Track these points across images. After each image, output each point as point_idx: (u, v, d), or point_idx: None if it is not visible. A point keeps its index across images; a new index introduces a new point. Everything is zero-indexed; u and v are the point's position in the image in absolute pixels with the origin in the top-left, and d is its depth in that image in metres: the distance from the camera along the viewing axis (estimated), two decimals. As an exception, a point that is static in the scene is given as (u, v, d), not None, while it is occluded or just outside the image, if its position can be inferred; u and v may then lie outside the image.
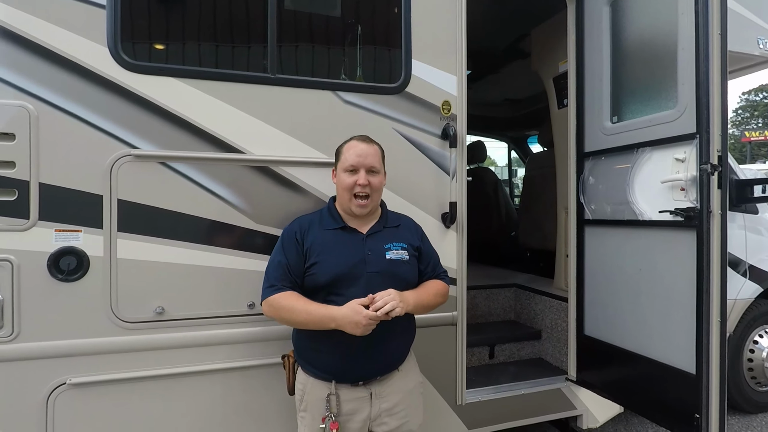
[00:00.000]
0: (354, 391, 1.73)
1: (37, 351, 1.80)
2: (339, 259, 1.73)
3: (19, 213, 1.76)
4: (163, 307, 1.91)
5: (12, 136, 1.75)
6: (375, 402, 1.74)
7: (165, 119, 1.91)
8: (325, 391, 1.71)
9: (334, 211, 1.86)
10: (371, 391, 1.74)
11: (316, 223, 1.83)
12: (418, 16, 2.25)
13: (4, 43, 1.74)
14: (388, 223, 1.87)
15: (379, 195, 1.84)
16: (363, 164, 1.76)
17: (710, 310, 2.01)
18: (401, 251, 1.79)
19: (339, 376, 1.72)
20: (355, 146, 1.80)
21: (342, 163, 1.80)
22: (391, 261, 1.76)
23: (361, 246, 1.77)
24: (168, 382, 1.95)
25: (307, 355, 1.78)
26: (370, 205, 1.78)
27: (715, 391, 2.01)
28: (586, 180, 2.66)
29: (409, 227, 1.94)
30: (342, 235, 1.80)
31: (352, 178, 1.75)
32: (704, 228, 2.01)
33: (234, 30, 2.11)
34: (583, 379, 2.73)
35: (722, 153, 2.03)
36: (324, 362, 1.73)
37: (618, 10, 2.50)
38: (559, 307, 3.24)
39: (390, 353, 1.78)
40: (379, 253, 1.76)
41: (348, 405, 1.72)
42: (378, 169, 1.80)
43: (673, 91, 2.19)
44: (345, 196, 1.78)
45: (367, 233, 1.81)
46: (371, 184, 1.76)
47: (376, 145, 1.84)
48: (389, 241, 1.80)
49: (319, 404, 1.72)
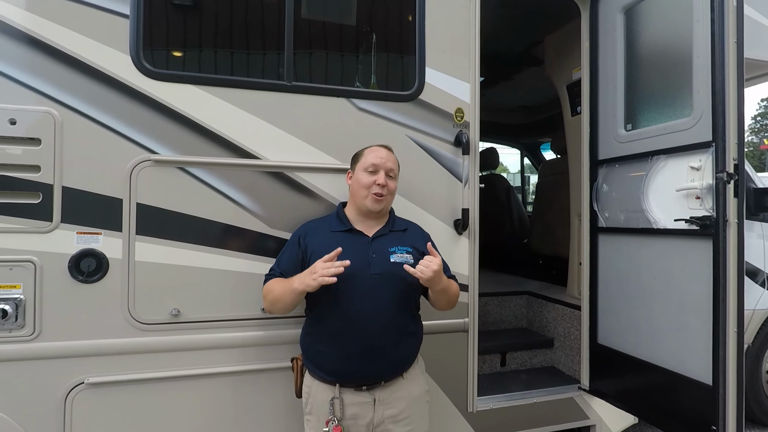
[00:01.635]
0: (357, 395, 1.73)
1: (56, 350, 1.84)
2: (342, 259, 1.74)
3: (43, 215, 1.81)
4: (179, 309, 1.95)
5: (38, 141, 1.80)
6: (378, 408, 1.74)
7: (184, 125, 1.95)
8: (329, 395, 1.73)
9: (342, 214, 1.90)
10: (375, 397, 1.74)
11: (325, 227, 1.88)
12: (432, 24, 2.27)
13: (31, 50, 1.80)
14: (394, 227, 1.90)
15: (392, 199, 1.89)
16: (383, 166, 1.82)
17: (727, 320, 1.98)
18: (406, 255, 1.80)
19: (342, 380, 1.73)
20: (377, 150, 1.87)
21: (362, 163, 1.85)
22: (395, 263, 1.77)
23: (366, 248, 1.80)
24: (182, 383, 1.97)
25: (312, 358, 1.81)
26: (384, 202, 1.83)
27: (732, 402, 1.98)
28: (599, 187, 2.65)
29: (417, 232, 1.96)
30: (348, 237, 1.83)
31: (372, 177, 1.81)
32: (720, 237, 1.98)
33: (251, 38, 2.16)
34: (597, 389, 2.70)
35: (739, 161, 2.01)
36: (328, 365, 1.75)
37: (632, 18, 2.49)
38: (572, 315, 3.21)
39: (394, 359, 1.78)
40: (383, 256, 1.78)
41: (351, 409, 1.72)
42: (395, 175, 1.88)
43: (689, 99, 2.17)
44: (362, 193, 1.81)
45: (372, 236, 1.84)
46: (388, 186, 1.82)
47: (394, 155, 1.92)
48: (394, 245, 1.82)
49: (323, 407, 1.73)
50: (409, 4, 2.26)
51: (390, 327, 1.71)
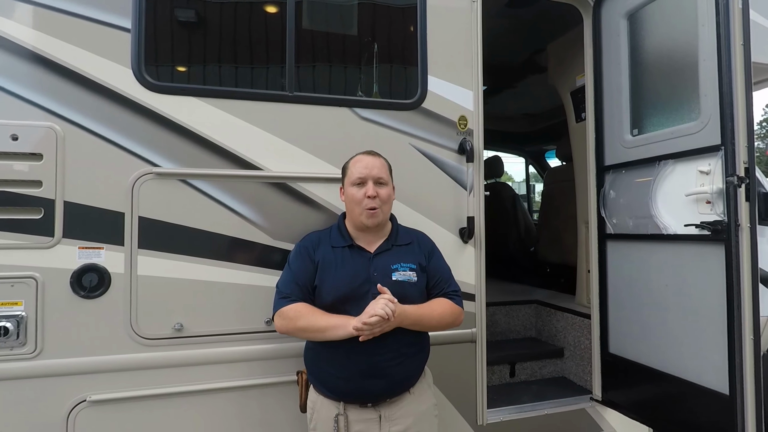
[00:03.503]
0: (363, 412, 1.69)
1: (58, 368, 1.82)
2: (344, 278, 1.71)
3: (45, 231, 1.80)
4: (182, 323, 1.92)
5: (40, 156, 1.80)
6: (384, 424, 1.69)
7: (186, 138, 1.95)
8: (333, 411, 1.69)
9: (343, 228, 1.84)
10: (380, 413, 1.70)
11: (326, 240, 1.82)
12: (434, 33, 2.26)
13: (33, 66, 1.81)
14: (398, 241, 1.83)
15: (388, 207, 1.81)
16: (370, 176, 1.75)
17: (742, 327, 1.94)
18: (409, 272, 1.74)
19: (347, 397, 1.68)
20: (361, 159, 1.80)
21: (349, 177, 1.79)
22: (396, 282, 1.71)
23: (367, 265, 1.74)
24: (186, 399, 1.94)
25: (316, 374, 1.76)
26: (380, 215, 1.75)
27: (750, 412, 1.92)
28: (606, 194, 2.62)
29: (421, 244, 1.88)
30: (349, 254, 1.77)
31: (360, 191, 1.74)
32: (733, 242, 1.95)
33: (252, 49, 2.16)
34: (609, 399, 2.64)
35: (749, 164, 1.98)
36: (332, 382, 1.70)
37: (636, 23, 2.48)
38: (581, 324, 3.15)
39: (400, 374, 1.72)
40: (385, 274, 1.73)
41: (356, 426, 1.68)
42: (386, 181, 1.78)
43: (696, 103, 2.14)
44: (355, 210, 1.75)
45: (374, 252, 1.78)
46: (380, 195, 1.74)
47: (382, 158, 1.83)
48: (397, 261, 1.76)
49: (327, 423, 1.69)
50: (410, 12, 2.26)
51: (393, 347, 1.65)
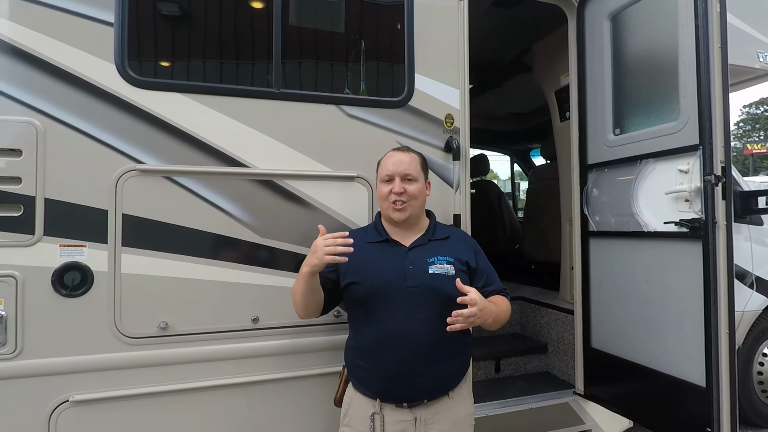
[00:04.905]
0: (399, 413, 1.67)
1: (40, 368, 1.78)
2: (378, 272, 1.70)
3: (24, 228, 1.76)
4: (167, 322, 1.90)
5: (19, 152, 1.76)
6: (420, 428, 1.66)
7: (170, 134, 1.92)
8: (369, 409, 1.68)
9: (379, 224, 1.86)
10: (416, 416, 1.67)
11: (362, 237, 1.81)
12: (421, 31, 2.27)
13: (12, 59, 1.76)
14: (434, 236, 1.83)
15: (418, 202, 1.80)
16: (397, 172, 1.77)
17: (718, 321, 1.99)
18: (446, 265, 1.72)
19: (383, 395, 1.67)
20: (391, 156, 1.83)
21: (379, 173, 1.84)
22: (433, 275, 1.70)
23: (402, 259, 1.73)
24: (172, 398, 1.92)
25: (353, 370, 1.76)
26: (408, 210, 1.76)
27: (726, 403, 1.98)
28: (589, 192, 2.66)
29: (461, 241, 1.88)
30: (384, 249, 1.78)
31: (387, 187, 1.77)
32: (710, 239, 2.00)
33: (239, 45, 2.14)
34: (592, 393, 2.69)
35: (726, 164, 2.03)
36: (369, 380, 1.70)
37: (618, 24, 2.52)
38: (565, 319, 3.21)
39: (438, 376, 1.69)
40: (420, 267, 1.71)
41: (392, 427, 1.65)
42: (415, 177, 1.78)
43: (675, 103, 2.19)
44: (384, 205, 1.80)
45: (410, 246, 1.77)
46: (407, 191, 1.75)
47: (414, 154, 1.85)
48: (434, 255, 1.74)
49: (362, 421, 1.68)
50: (398, 10, 2.26)
51: (428, 348, 1.63)
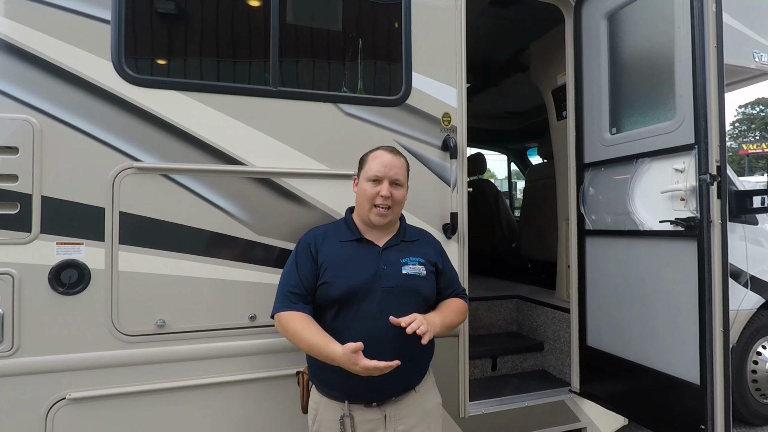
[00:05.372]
0: (368, 412, 1.67)
1: (37, 365, 1.78)
2: (353, 272, 1.68)
3: (21, 226, 1.76)
4: (165, 319, 1.90)
5: (15, 149, 1.76)
6: (390, 424, 1.67)
7: (167, 132, 1.92)
8: (338, 412, 1.66)
9: (351, 222, 1.81)
10: (386, 413, 1.67)
11: (332, 235, 1.79)
12: (419, 30, 2.28)
13: (8, 57, 1.76)
14: (406, 237, 1.83)
15: (400, 208, 1.80)
16: (387, 175, 1.72)
17: (713, 319, 2.00)
18: (418, 266, 1.73)
19: (352, 397, 1.66)
20: (381, 156, 1.76)
21: (366, 171, 1.76)
22: (407, 276, 1.70)
23: (376, 259, 1.72)
24: (168, 395, 1.93)
25: (320, 375, 1.72)
26: (390, 216, 1.74)
27: (720, 401, 1.99)
28: (586, 191, 2.67)
29: (429, 242, 1.89)
30: (357, 248, 1.75)
31: (375, 188, 1.72)
32: (705, 237, 2.01)
33: (236, 43, 2.13)
34: (587, 391, 2.71)
35: (721, 163, 2.04)
36: (337, 382, 1.66)
37: (615, 24, 2.53)
38: (561, 318, 3.22)
39: (406, 373, 1.68)
40: (395, 268, 1.71)
41: (362, 427, 1.65)
42: (402, 183, 1.77)
43: (671, 103, 2.21)
44: (365, 205, 1.74)
45: (383, 246, 1.76)
46: (393, 197, 1.72)
47: (402, 158, 1.81)
48: (406, 255, 1.75)
49: (332, 425, 1.66)
50: (395, 9, 2.27)
51: (401, 347, 1.61)
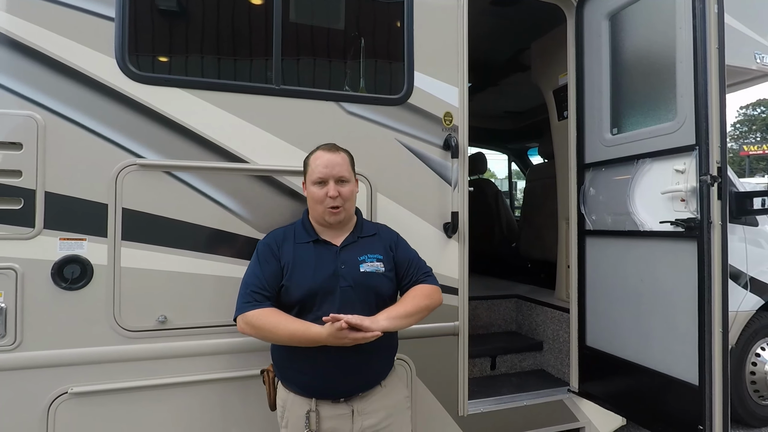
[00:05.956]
0: (335, 408, 1.67)
1: (39, 360, 1.79)
2: (311, 274, 1.68)
3: (25, 221, 1.77)
4: (166, 315, 1.91)
5: (19, 145, 1.77)
6: (357, 419, 1.68)
7: (170, 129, 1.93)
8: (305, 408, 1.66)
9: (307, 223, 1.81)
10: (353, 408, 1.68)
11: (290, 237, 1.78)
12: (420, 29, 2.28)
13: (13, 53, 1.77)
14: (363, 233, 1.82)
15: (352, 204, 1.79)
16: (331, 175, 1.70)
17: (712, 320, 2.01)
18: (376, 263, 1.74)
19: (319, 393, 1.67)
20: (321, 157, 1.74)
21: (310, 175, 1.75)
22: (365, 273, 1.71)
23: (334, 259, 1.72)
24: (169, 391, 1.94)
25: (285, 373, 1.73)
26: (343, 213, 1.73)
27: (718, 401, 2.00)
28: (586, 191, 2.68)
29: (386, 235, 1.87)
30: (315, 249, 1.74)
31: (321, 190, 1.70)
32: (705, 238, 2.02)
33: (239, 41, 2.14)
34: (586, 391, 2.72)
35: (722, 164, 2.05)
36: (302, 380, 1.68)
37: (617, 24, 2.54)
38: (560, 317, 3.23)
39: (372, 369, 1.72)
40: (352, 266, 1.71)
41: (328, 422, 1.66)
42: (347, 178, 1.74)
43: (672, 103, 2.21)
44: (317, 208, 1.73)
45: (341, 245, 1.76)
46: (341, 194, 1.71)
47: (343, 153, 1.78)
48: (364, 253, 1.75)
49: (299, 421, 1.66)
50: (397, 8, 2.27)
51: (362, 345, 1.59)
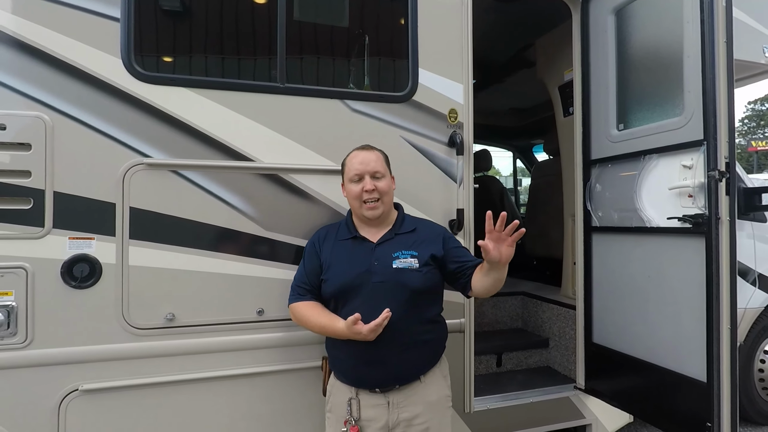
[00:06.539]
0: (373, 397, 1.75)
1: (49, 357, 1.81)
2: (345, 269, 1.78)
3: (34, 221, 1.79)
4: (174, 313, 1.93)
5: (28, 146, 1.78)
6: (393, 411, 1.74)
7: (176, 128, 1.94)
8: (347, 395, 1.77)
9: (349, 221, 1.91)
10: (389, 400, 1.75)
11: (333, 234, 1.90)
12: (425, 26, 2.27)
13: (21, 55, 1.78)
14: (401, 229, 1.87)
15: (389, 198, 1.86)
16: (366, 171, 1.80)
17: (720, 317, 2.00)
18: (410, 259, 1.78)
19: (357, 382, 1.77)
20: (356, 155, 1.85)
21: (347, 174, 1.85)
22: (397, 270, 1.76)
23: (369, 255, 1.79)
24: (177, 388, 1.95)
25: (331, 360, 1.87)
26: (381, 207, 1.81)
27: (726, 399, 1.99)
28: (592, 187, 2.67)
29: (428, 231, 1.90)
30: (353, 245, 1.84)
31: (358, 186, 1.80)
32: (713, 234, 2.00)
33: (243, 40, 2.15)
34: (592, 388, 2.71)
35: (730, 160, 2.03)
36: (344, 368, 1.81)
37: (623, 19, 2.52)
38: (566, 314, 3.22)
39: (408, 362, 1.76)
40: (385, 262, 1.77)
41: (367, 411, 1.74)
42: (382, 174, 1.83)
43: (680, 99, 2.19)
44: (356, 204, 1.82)
45: (377, 242, 1.83)
46: (378, 188, 1.79)
47: (377, 151, 1.88)
48: (399, 249, 1.80)
49: (342, 407, 1.77)
50: (401, 5, 2.27)
51: (394, 337, 1.69)
